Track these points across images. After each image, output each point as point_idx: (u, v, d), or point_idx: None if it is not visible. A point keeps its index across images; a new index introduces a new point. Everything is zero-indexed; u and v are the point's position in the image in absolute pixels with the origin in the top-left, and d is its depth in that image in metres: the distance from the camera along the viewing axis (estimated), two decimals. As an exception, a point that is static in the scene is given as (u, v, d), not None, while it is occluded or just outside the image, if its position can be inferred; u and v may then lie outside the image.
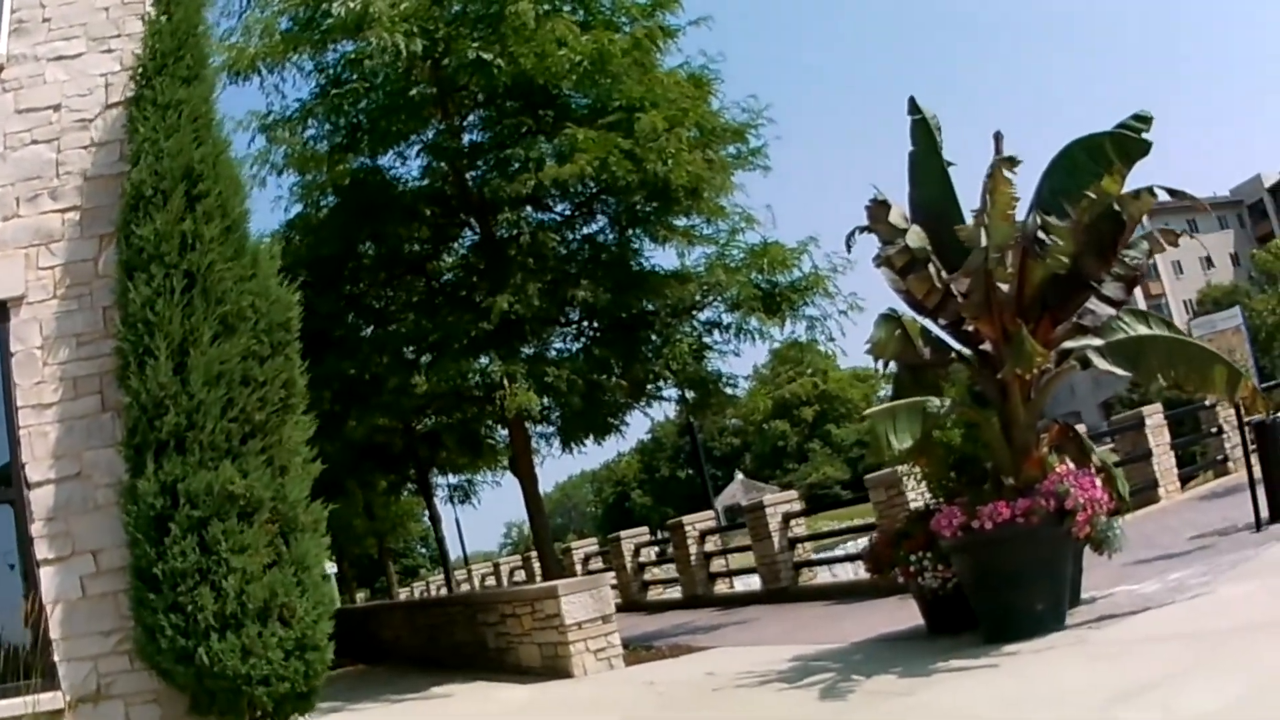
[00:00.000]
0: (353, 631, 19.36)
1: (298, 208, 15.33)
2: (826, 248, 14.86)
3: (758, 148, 14.62)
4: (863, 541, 14.57)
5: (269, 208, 36.56)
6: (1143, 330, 9.49)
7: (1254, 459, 12.25)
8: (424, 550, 57.84)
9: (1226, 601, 8.12)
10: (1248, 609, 7.70)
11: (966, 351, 9.72)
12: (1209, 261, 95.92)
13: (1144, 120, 8.94)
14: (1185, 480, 18.79)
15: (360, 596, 46.15)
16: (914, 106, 10.09)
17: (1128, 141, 8.94)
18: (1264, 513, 11.65)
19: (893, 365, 10.27)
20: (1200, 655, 6.67)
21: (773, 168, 14.80)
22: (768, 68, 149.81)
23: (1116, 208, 8.92)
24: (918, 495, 11.98)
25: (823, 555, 19.07)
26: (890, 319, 9.48)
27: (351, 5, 12.53)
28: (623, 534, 23.35)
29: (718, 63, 14.76)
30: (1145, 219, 9.57)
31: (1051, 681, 6.95)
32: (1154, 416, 18.37)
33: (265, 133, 14.01)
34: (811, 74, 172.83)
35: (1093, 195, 8.76)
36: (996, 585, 8.57)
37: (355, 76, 13.86)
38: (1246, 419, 12.50)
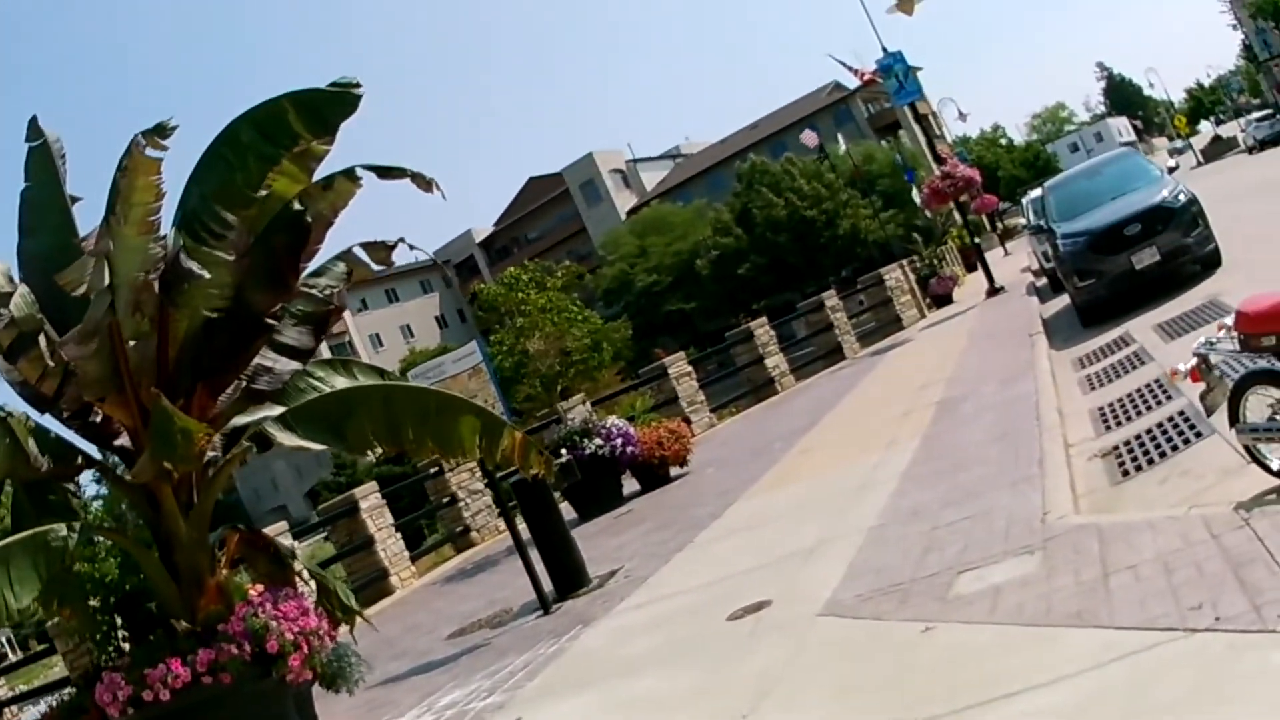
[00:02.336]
0: None
1: None
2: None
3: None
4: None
5: None
6: (343, 383, 8.98)
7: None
8: None
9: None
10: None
11: (97, 452, 8.82)
12: (410, 330, 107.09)
13: (347, 85, 8.14)
14: (416, 559, 20.39)
15: None
16: (34, 130, 8.96)
17: (323, 100, 8.07)
18: (548, 587, 11.76)
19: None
20: None
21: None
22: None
23: (299, 207, 8.24)
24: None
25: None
26: (-13, 423, 8.04)
27: None
28: None
29: None
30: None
31: None
32: (369, 498, 19.71)
33: None
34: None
35: (263, 192, 8.06)
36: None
37: None
38: (500, 477, 12.55)
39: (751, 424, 24.26)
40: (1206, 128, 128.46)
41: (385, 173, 8.31)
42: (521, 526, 12.31)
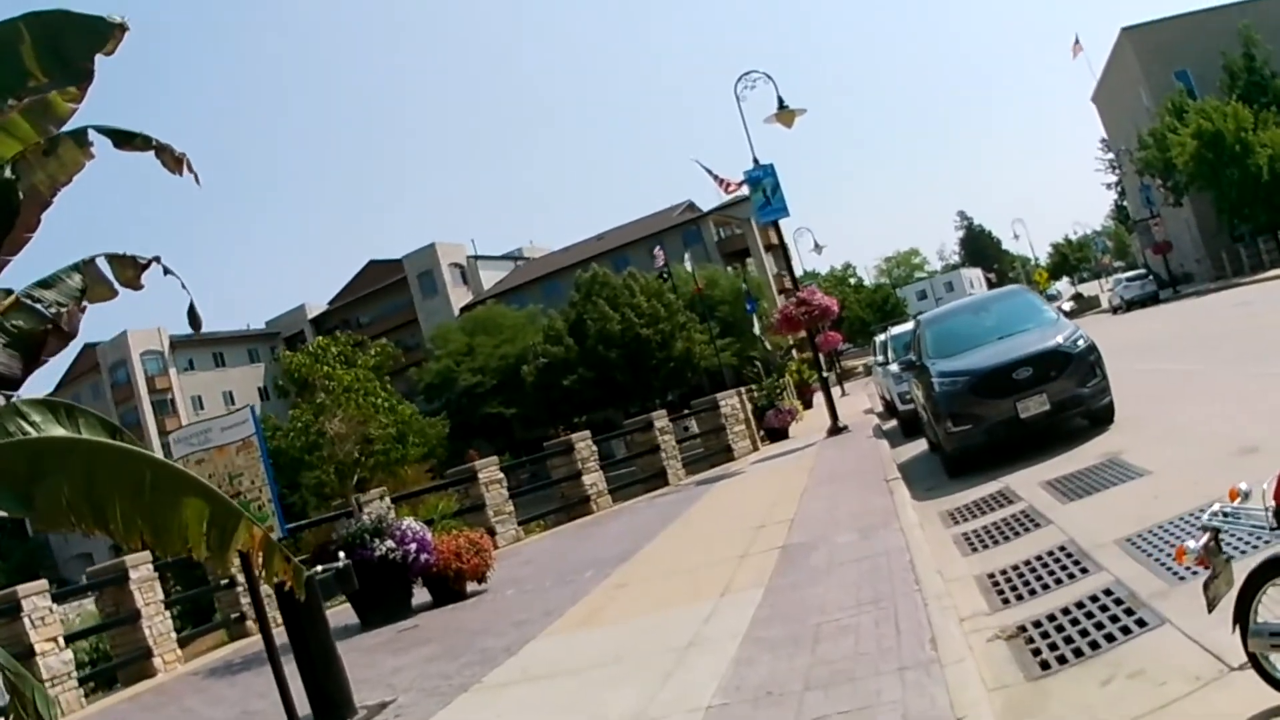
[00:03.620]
0: None
1: None
2: None
3: None
4: None
5: None
6: (57, 431, 6.56)
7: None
8: None
9: None
10: None
11: None
12: (232, 397, 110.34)
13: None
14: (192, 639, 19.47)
15: None
16: None
17: (69, 26, 6.00)
18: (305, 710, 10.10)
19: None
20: None
21: None
22: None
23: (10, 175, 6.07)
24: None
25: None
26: None
27: None
28: None
29: None
30: (169, 352, 6.96)
31: None
32: (141, 568, 18.12)
33: None
34: None
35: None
36: None
37: None
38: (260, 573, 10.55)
39: (562, 543, 22.14)
40: (1065, 285, 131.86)
41: (124, 140, 6.08)
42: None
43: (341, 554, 13.71)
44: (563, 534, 24.41)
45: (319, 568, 11.63)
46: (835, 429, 31.01)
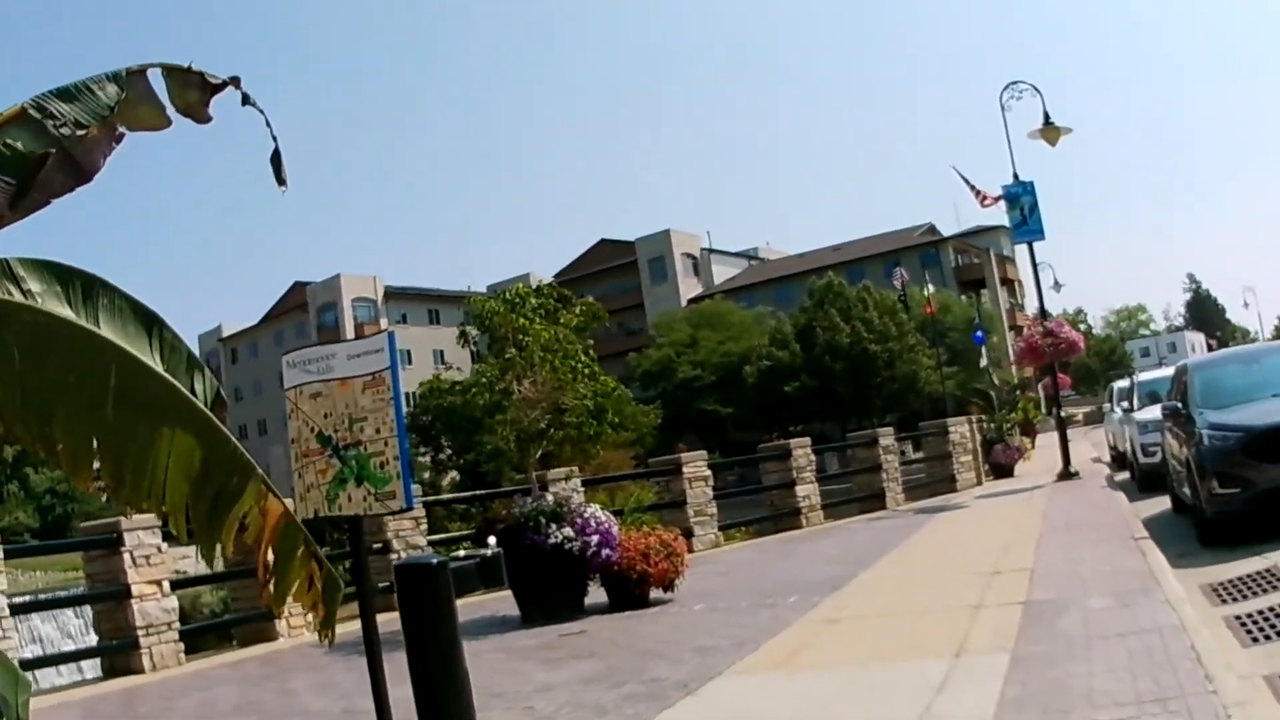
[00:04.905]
0: None
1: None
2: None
3: None
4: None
5: None
6: (62, 312, 4.28)
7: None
8: None
9: None
10: None
11: None
12: (442, 356, 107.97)
13: None
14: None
15: None
16: None
17: None
18: None
19: None
20: None
21: None
22: None
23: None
24: None
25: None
26: None
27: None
28: None
29: None
30: (382, 301, 4.71)
31: None
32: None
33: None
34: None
35: None
36: None
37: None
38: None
39: (765, 557, 19.97)
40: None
41: None
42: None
43: (491, 540, 11.32)
44: (766, 546, 22.31)
45: (460, 551, 9.49)
46: (1066, 473, 28.45)
